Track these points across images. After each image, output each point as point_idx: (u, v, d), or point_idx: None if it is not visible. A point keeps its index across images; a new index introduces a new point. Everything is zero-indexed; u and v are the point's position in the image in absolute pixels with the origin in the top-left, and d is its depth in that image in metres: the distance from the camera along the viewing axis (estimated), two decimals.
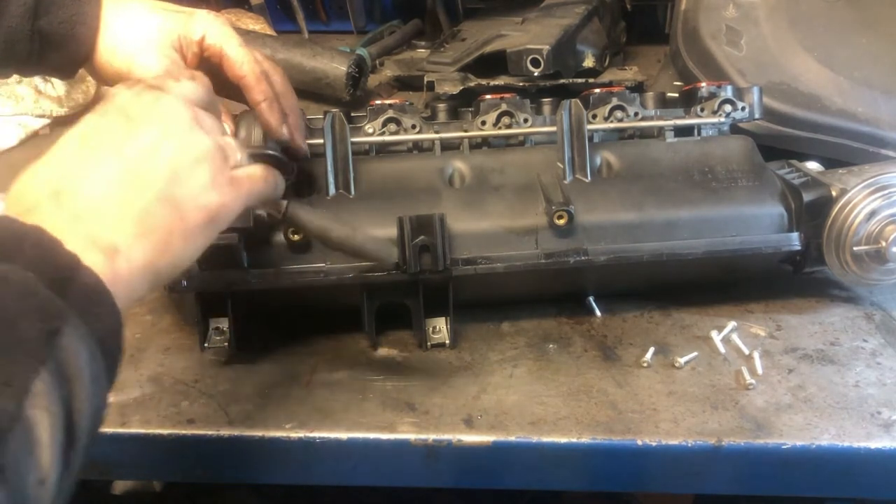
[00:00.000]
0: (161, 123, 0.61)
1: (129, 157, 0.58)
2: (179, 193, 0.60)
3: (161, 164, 0.59)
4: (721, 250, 0.89)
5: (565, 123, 0.93)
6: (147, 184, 0.58)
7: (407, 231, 0.84)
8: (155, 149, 0.60)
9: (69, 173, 0.56)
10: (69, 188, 0.55)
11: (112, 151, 0.58)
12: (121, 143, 0.59)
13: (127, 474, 1.12)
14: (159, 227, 0.58)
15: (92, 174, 0.57)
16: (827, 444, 0.77)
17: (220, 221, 0.63)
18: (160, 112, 0.62)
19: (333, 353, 0.90)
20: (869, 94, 1.12)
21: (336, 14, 1.83)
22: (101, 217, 0.55)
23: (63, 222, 0.53)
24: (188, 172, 0.60)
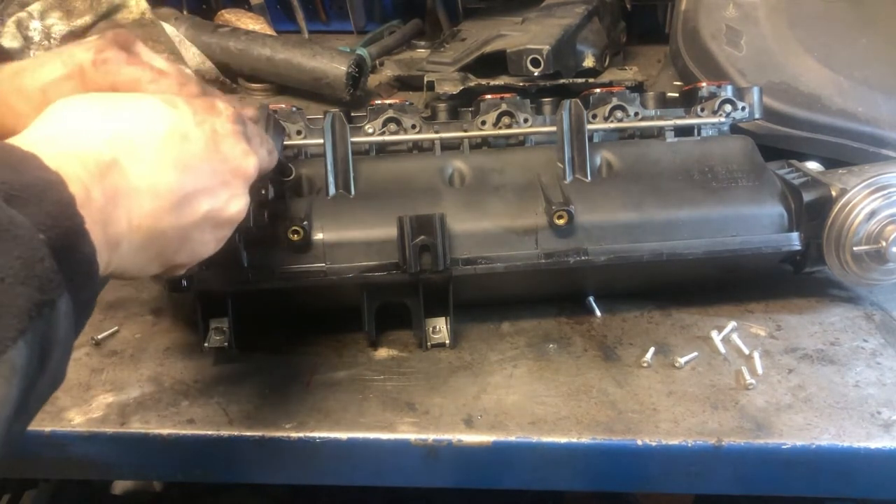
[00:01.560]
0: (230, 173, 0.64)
1: (193, 184, 0.60)
2: (193, 236, 0.62)
3: (203, 206, 0.61)
4: (721, 250, 0.89)
5: (565, 123, 0.93)
6: (182, 215, 0.60)
7: (407, 231, 0.84)
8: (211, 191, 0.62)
9: (135, 154, 0.56)
10: (125, 168, 0.55)
11: (185, 169, 0.59)
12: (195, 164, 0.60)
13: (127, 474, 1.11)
14: (157, 250, 0.60)
15: (154, 173, 0.57)
16: (827, 444, 0.77)
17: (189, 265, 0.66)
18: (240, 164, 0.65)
19: (333, 353, 0.90)
20: (869, 94, 1.12)
21: (336, 14, 1.83)
22: (128, 212, 0.55)
23: (93, 189, 0.52)
24: (209, 227, 0.63)
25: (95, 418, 0.81)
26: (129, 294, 1.00)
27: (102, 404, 0.83)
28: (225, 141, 0.64)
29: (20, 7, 1.41)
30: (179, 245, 0.61)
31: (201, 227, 0.62)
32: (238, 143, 0.66)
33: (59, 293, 0.47)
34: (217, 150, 0.63)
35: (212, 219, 0.63)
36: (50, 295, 0.46)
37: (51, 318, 0.46)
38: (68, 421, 0.81)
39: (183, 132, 0.60)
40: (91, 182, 0.52)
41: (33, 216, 0.46)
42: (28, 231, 0.45)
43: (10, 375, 0.43)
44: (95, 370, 0.88)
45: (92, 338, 0.91)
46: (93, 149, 0.54)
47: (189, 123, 0.61)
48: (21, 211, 0.45)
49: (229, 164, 0.64)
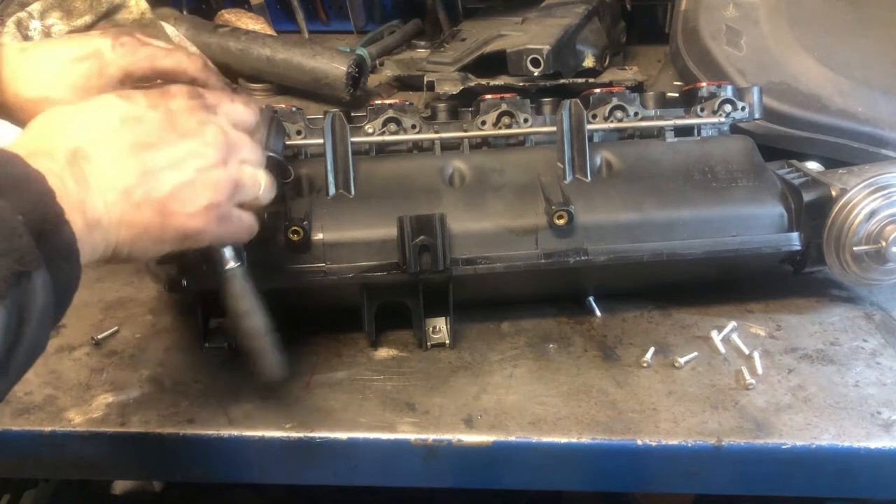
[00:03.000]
0: (196, 146, 0.66)
1: (153, 160, 0.63)
2: (174, 208, 0.64)
3: (175, 179, 0.64)
4: (721, 250, 0.89)
5: (565, 123, 0.93)
6: (154, 188, 0.63)
7: (407, 231, 0.84)
8: (178, 165, 0.65)
9: (96, 140, 0.61)
10: (88, 154, 0.60)
11: (143, 147, 0.63)
12: (155, 143, 0.64)
13: (127, 474, 1.12)
14: (142, 224, 0.63)
15: (115, 154, 0.62)
16: (827, 444, 0.77)
17: (191, 242, 0.68)
18: (202, 136, 0.67)
19: (333, 353, 0.90)
20: (869, 94, 1.12)
21: (336, 14, 1.83)
22: (101, 193, 0.60)
23: (66, 179, 0.57)
24: (191, 195, 0.65)
25: (95, 418, 0.81)
26: (129, 294, 1.00)
27: (102, 404, 0.83)
28: (180, 117, 0.67)
29: (20, 7, 1.41)
30: (163, 219, 0.64)
31: (179, 199, 0.65)
32: (194, 115, 0.68)
33: (35, 266, 0.52)
34: (174, 126, 0.66)
35: (186, 189, 0.65)
36: (27, 267, 0.51)
37: (28, 288, 0.52)
38: (68, 421, 0.81)
39: (137, 115, 0.64)
40: (62, 172, 0.57)
41: (15, 202, 0.52)
42: (9, 213, 0.51)
43: None
44: (95, 370, 0.88)
45: (92, 338, 0.91)
46: (58, 143, 0.60)
47: (143, 108, 0.65)
48: (5, 198, 0.51)
49: (188, 137, 0.66)
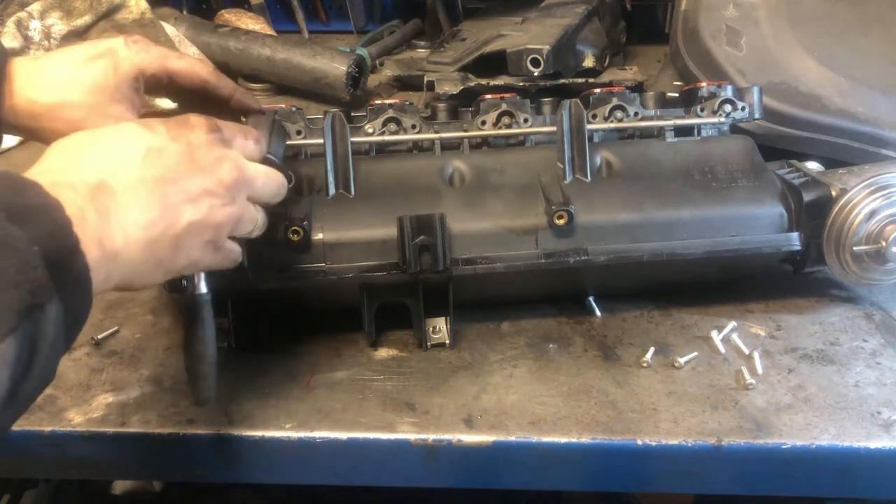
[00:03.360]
0: (211, 183, 0.67)
1: (174, 195, 0.64)
2: (185, 242, 0.65)
3: (190, 215, 0.65)
4: (721, 250, 0.89)
5: (565, 123, 0.93)
6: (172, 223, 0.64)
7: (407, 231, 0.84)
8: (194, 200, 0.65)
9: (119, 174, 0.61)
10: (112, 188, 0.60)
11: (165, 182, 0.63)
12: (175, 178, 0.64)
13: (127, 474, 1.12)
14: (157, 258, 0.64)
15: (138, 189, 0.62)
16: (827, 444, 0.77)
17: (186, 272, 0.70)
18: (217, 173, 0.68)
19: (333, 353, 0.90)
20: (869, 94, 1.12)
21: (336, 14, 1.83)
22: (122, 227, 0.60)
23: (87, 211, 0.57)
24: (201, 230, 0.66)
25: (95, 418, 0.81)
26: (129, 294, 1.00)
27: (102, 404, 0.83)
28: (199, 151, 0.67)
29: (20, 7, 1.41)
30: (174, 253, 0.65)
31: (190, 234, 0.65)
32: (212, 150, 0.68)
33: (49, 298, 0.52)
34: (193, 161, 0.66)
35: (197, 225, 0.66)
36: (40, 299, 0.51)
37: (40, 320, 0.51)
38: (68, 421, 0.81)
39: (159, 148, 0.64)
40: (84, 204, 0.57)
41: (31, 233, 0.51)
42: (24, 244, 0.50)
43: (1, 367, 0.48)
44: (95, 370, 0.88)
45: (92, 338, 0.91)
46: (81, 175, 0.59)
47: (164, 139, 0.65)
48: (21, 228, 0.51)
49: (206, 173, 0.67)
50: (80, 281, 0.55)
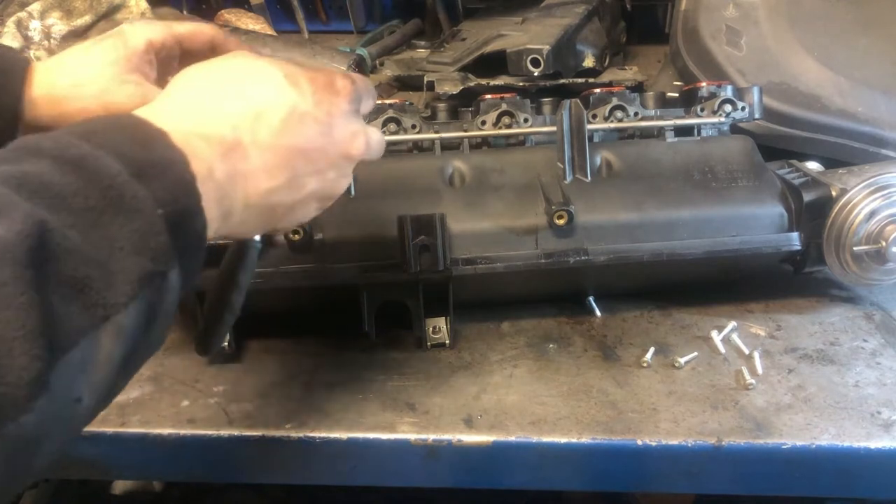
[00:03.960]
0: (340, 159, 0.66)
1: (303, 167, 0.62)
2: (298, 210, 0.65)
3: (312, 186, 0.64)
4: (721, 250, 0.89)
5: (565, 123, 0.93)
6: (294, 193, 0.63)
7: (407, 231, 0.84)
8: (320, 173, 0.64)
9: (256, 137, 0.59)
10: (247, 153, 0.58)
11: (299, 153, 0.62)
12: (310, 150, 0.63)
13: (127, 474, 1.12)
14: (267, 221, 0.63)
15: (271, 157, 0.60)
16: (827, 444, 0.77)
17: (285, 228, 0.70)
18: (349, 150, 0.66)
19: (333, 353, 0.90)
20: (869, 94, 1.12)
21: (336, 14, 1.83)
22: (245, 192, 0.59)
23: (215, 169, 0.56)
24: (319, 200, 0.66)
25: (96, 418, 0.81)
26: None
27: None
28: (338, 123, 0.65)
29: (20, 7, 1.41)
30: (284, 216, 0.64)
31: (307, 202, 0.65)
32: (349, 124, 0.67)
33: (170, 266, 0.50)
34: (330, 133, 0.64)
35: (317, 194, 0.65)
36: (162, 267, 0.50)
37: (161, 288, 0.50)
38: None
39: (301, 113, 0.62)
40: (214, 161, 0.56)
41: (156, 192, 0.50)
42: (149, 206, 0.49)
43: (117, 336, 0.47)
44: None
45: None
46: (218, 130, 0.57)
47: (308, 104, 0.63)
48: (145, 186, 0.49)
49: (339, 147, 0.66)
50: (197, 243, 0.54)
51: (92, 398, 0.48)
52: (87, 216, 0.47)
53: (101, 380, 0.48)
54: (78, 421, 0.48)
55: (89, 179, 0.48)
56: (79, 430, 0.49)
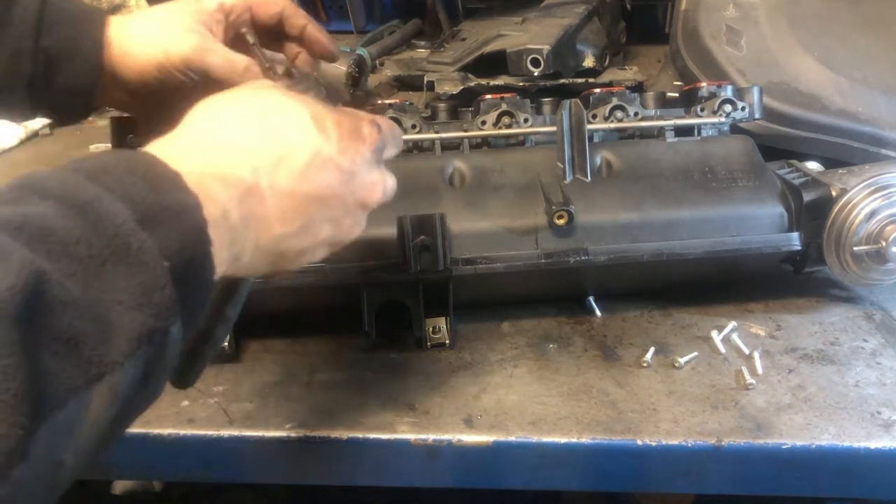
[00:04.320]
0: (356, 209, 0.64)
1: (319, 215, 0.60)
2: (311, 253, 0.63)
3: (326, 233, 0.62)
4: (721, 250, 0.89)
5: (565, 123, 0.93)
6: (306, 240, 0.61)
7: (407, 231, 0.84)
8: (335, 221, 0.62)
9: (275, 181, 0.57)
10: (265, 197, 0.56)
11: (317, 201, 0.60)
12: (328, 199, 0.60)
13: (127, 474, 1.12)
14: (275, 264, 0.61)
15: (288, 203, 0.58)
16: (827, 444, 0.77)
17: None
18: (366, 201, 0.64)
19: (333, 353, 0.90)
20: (869, 94, 1.12)
21: (336, 14, 1.83)
22: (256, 238, 0.56)
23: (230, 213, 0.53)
24: (331, 245, 0.65)
25: None
26: None
27: None
28: (360, 172, 0.63)
29: None
30: (293, 260, 0.62)
31: (318, 248, 0.63)
32: (371, 173, 0.65)
33: (173, 321, 0.47)
34: (351, 182, 0.62)
35: (329, 240, 0.64)
36: (164, 323, 0.46)
37: (161, 344, 0.47)
38: None
39: (325, 159, 0.60)
40: (230, 204, 0.53)
41: (163, 240, 0.47)
42: (155, 258, 0.46)
43: (109, 395, 0.44)
44: None
45: None
46: (238, 171, 0.55)
47: (333, 151, 0.60)
48: (152, 234, 0.47)
49: (358, 196, 0.63)
50: (203, 291, 0.51)
51: (76, 460, 0.44)
52: (88, 265, 0.44)
53: (87, 441, 0.45)
54: (59, 484, 0.44)
55: (94, 226, 0.45)
56: (59, 492, 0.45)
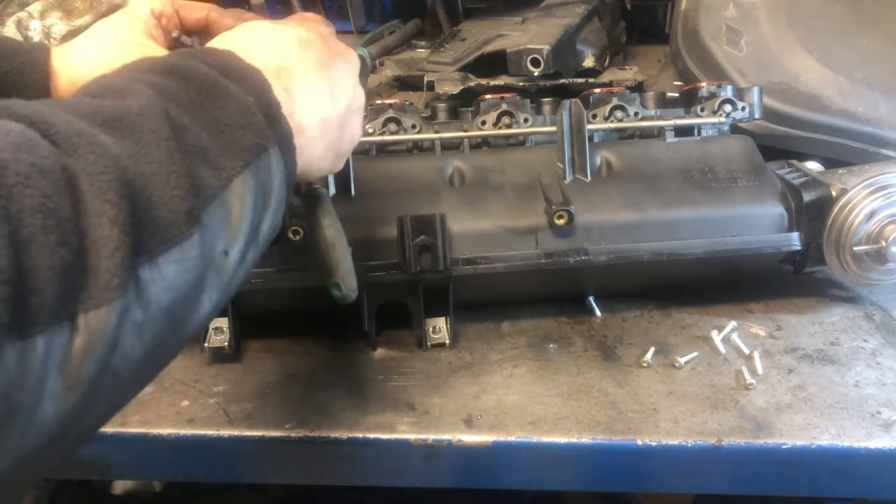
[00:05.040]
0: (347, 65, 0.70)
1: (329, 75, 0.66)
2: (347, 122, 0.69)
3: (346, 93, 0.68)
4: (721, 250, 0.89)
5: (565, 123, 0.93)
6: (335, 103, 0.67)
7: (407, 231, 0.84)
8: (344, 80, 0.69)
9: (288, 58, 0.63)
10: (288, 69, 0.62)
11: (324, 65, 0.66)
12: (326, 60, 0.67)
13: (127, 474, 1.12)
14: (329, 138, 0.66)
15: (308, 72, 0.64)
16: (827, 444, 0.77)
17: (348, 154, 0.73)
18: (349, 57, 0.71)
19: (333, 353, 0.90)
20: (869, 94, 1.12)
21: (336, 14, 1.83)
22: (301, 104, 0.62)
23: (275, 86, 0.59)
24: (355, 111, 0.71)
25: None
26: None
27: None
28: (331, 40, 0.70)
29: (20, 7, 1.41)
30: (340, 132, 0.68)
31: (350, 113, 0.69)
32: (338, 40, 0.72)
33: (270, 142, 0.55)
34: (331, 48, 0.69)
35: (350, 103, 0.69)
36: (264, 141, 0.54)
37: (267, 162, 0.54)
38: None
39: (306, 38, 0.67)
40: (273, 80, 0.59)
41: (242, 86, 0.55)
42: (240, 94, 0.54)
43: (241, 201, 0.52)
44: None
45: None
46: (261, 57, 0.60)
47: (304, 31, 0.67)
48: (234, 83, 0.54)
49: (345, 58, 0.70)
50: (289, 139, 0.57)
51: (236, 251, 0.52)
52: (191, 106, 0.52)
53: (238, 236, 0.52)
54: (228, 275, 0.52)
55: (184, 79, 0.53)
56: (231, 288, 0.53)
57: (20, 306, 0.37)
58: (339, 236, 0.74)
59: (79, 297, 0.40)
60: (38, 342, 0.38)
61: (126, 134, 0.46)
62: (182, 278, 0.46)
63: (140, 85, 0.50)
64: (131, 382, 0.47)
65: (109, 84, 0.51)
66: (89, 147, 0.43)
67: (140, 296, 0.43)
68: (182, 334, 0.49)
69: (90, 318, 0.41)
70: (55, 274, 0.39)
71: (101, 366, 0.42)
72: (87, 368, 0.41)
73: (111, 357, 0.43)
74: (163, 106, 0.49)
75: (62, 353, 0.40)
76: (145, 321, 0.44)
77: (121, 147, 0.45)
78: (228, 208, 0.51)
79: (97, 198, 0.42)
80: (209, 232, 0.48)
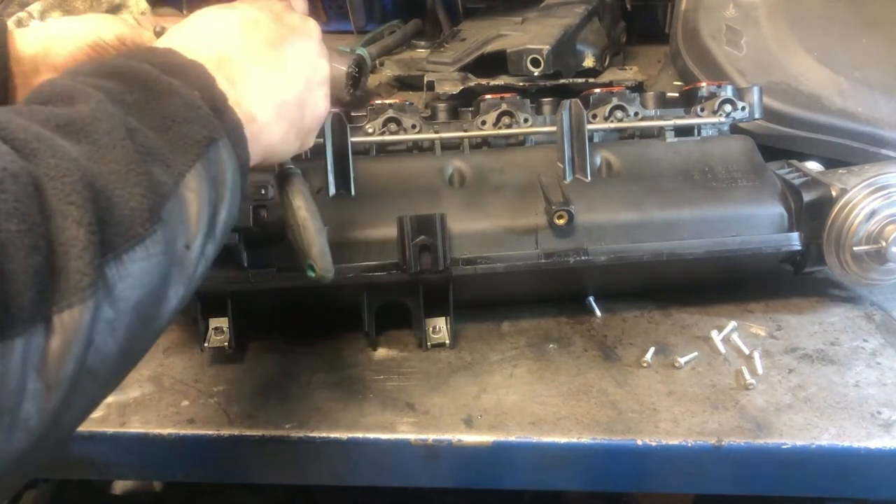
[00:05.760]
0: (304, 40, 0.70)
1: (282, 55, 0.66)
2: (308, 99, 0.69)
3: (303, 70, 0.68)
4: (721, 250, 0.89)
5: (565, 123, 0.93)
6: (290, 82, 0.67)
7: (407, 231, 0.84)
8: (300, 56, 0.68)
9: (231, 46, 0.63)
10: (230, 57, 0.62)
11: (272, 44, 0.66)
12: (276, 39, 0.67)
13: (127, 474, 1.12)
14: (288, 120, 0.66)
15: (252, 55, 0.64)
16: (827, 444, 0.77)
17: (316, 130, 0.73)
18: (307, 30, 0.72)
19: (333, 353, 0.90)
20: (869, 94, 1.12)
21: (336, 14, 1.83)
22: (250, 92, 0.62)
23: (218, 78, 0.59)
24: (315, 86, 0.70)
25: (95, 418, 0.81)
26: None
27: (102, 404, 0.83)
28: (284, 16, 0.70)
29: (20, 7, 1.41)
30: (301, 111, 0.68)
31: (310, 90, 0.69)
32: (292, 14, 0.72)
33: (219, 134, 0.55)
34: (283, 24, 0.69)
35: (311, 78, 0.69)
36: (212, 133, 0.55)
37: (217, 154, 0.55)
38: None
39: (252, 18, 0.66)
40: (215, 73, 0.59)
41: (185, 82, 0.55)
42: (185, 89, 0.55)
43: (198, 189, 0.53)
44: None
45: None
46: (200, 53, 0.60)
47: (252, 11, 0.67)
48: (175, 78, 0.55)
49: (299, 32, 0.70)
50: (238, 129, 0.58)
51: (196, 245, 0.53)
52: (136, 106, 0.52)
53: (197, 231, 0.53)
54: (191, 269, 0.53)
55: (128, 80, 0.53)
56: (194, 282, 0.54)
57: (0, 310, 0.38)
58: (313, 217, 0.73)
59: (52, 299, 0.41)
60: (17, 344, 0.40)
61: (82, 137, 0.47)
62: (148, 274, 0.47)
63: (87, 88, 0.51)
64: (107, 379, 0.48)
65: (56, 90, 0.51)
66: (49, 151, 0.44)
67: (109, 293, 0.45)
68: (152, 329, 0.51)
69: (64, 319, 0.42)
70: (29, 277, 0.40)
71: (78, 364, 0.43)
72: (65, 368, 0.42)
73: (87, 355, 0.44)
74: (113, 107, 0.50)
75: (40, 354, 0.41)
76: (116, 318, 0.45)
77: (78, 150, 0.46)
78: (185, 203, 0.52)
79: (61, 200, 0.43)
80: (170, 228, 0.50)
